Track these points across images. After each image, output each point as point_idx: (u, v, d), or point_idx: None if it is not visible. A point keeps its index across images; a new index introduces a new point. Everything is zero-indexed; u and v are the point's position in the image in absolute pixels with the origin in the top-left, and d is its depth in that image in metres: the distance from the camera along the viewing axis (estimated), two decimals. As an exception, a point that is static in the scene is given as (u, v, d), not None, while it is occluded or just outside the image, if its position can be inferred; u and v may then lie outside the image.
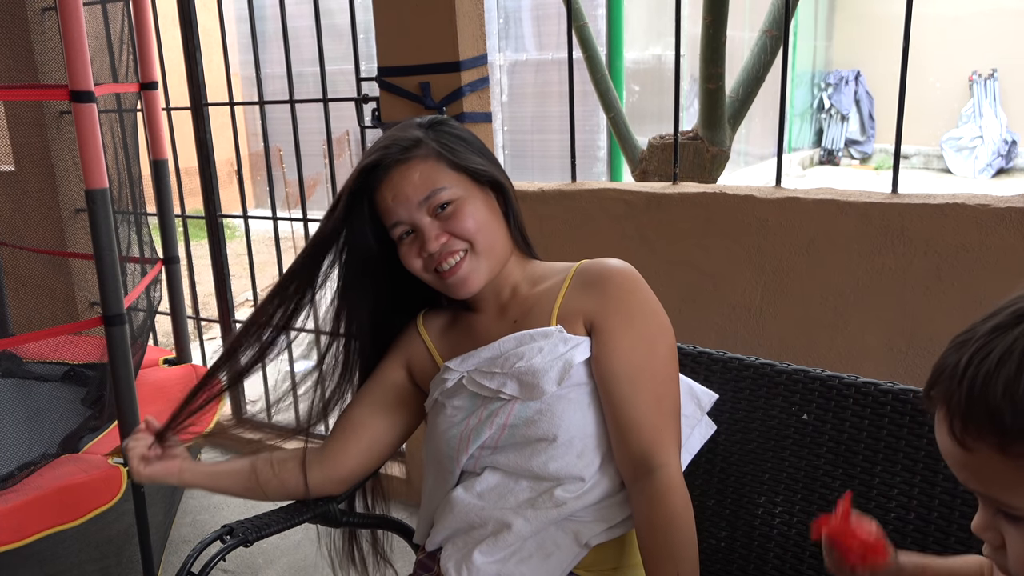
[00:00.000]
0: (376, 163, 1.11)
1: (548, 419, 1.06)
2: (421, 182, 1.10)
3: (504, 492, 1.09)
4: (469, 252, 1.11)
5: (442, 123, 1.16)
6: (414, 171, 1.10)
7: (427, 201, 1.09)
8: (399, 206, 1.10)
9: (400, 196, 1.10)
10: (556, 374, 1.07)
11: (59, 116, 2.94)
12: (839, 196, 1.73)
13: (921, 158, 10.75)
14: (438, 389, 1.16)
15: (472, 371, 1.13)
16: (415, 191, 1.09)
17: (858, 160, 11.46)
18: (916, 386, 1.09)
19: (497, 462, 1.10)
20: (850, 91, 11.40)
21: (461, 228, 1.10)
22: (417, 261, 1.11)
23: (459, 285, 1.11)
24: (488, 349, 1.13)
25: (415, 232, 1.11)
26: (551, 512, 1.05)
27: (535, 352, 1.08)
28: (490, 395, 1.11)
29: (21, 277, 2.93)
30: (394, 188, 1.10)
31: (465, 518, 1.09)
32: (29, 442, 2.15)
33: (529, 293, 1.17)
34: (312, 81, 2.88)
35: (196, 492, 2.65)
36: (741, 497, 1.18)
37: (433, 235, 1.09)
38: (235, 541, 1.08)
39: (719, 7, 2.53)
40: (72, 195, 2.99)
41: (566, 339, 1.09)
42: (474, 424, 1.11)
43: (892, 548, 0.83)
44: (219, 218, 2.82)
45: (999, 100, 10.35)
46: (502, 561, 1.05)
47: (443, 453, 1.14)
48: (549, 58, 7.35)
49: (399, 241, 1.12)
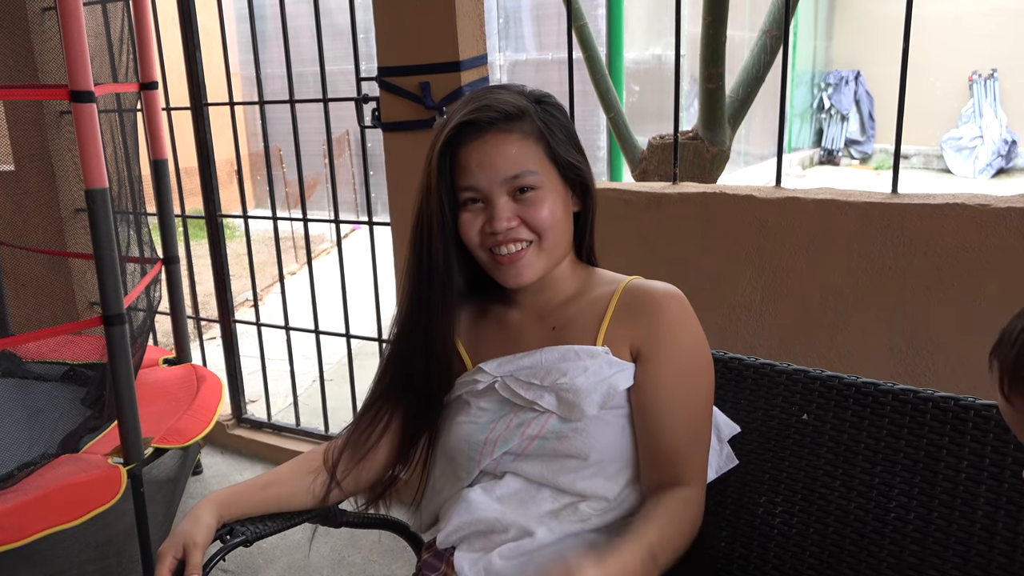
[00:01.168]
0: (473, 122, 1.03)
1: (583, 438, 1.04)
2: (515, 159, 1.03)
3: (526, 499, 1.06)
4: (534, 244, 1.05)
5: (549, 102, 1.09)
6: (511, 144, 1.03)
7: (513, 180, 1.03)
8: (482, 173, 1.02)
9: (487, 164, 1.02)
10: (599, 397, 1.04)
11: (59, 116, 2.94)
12: (839, 196, 1.73)
13: (921, 158, 10.76)
14: (466, 388, 1.12)
15: (507, 377, 1.09)
16: (505, 166, 1.02)
17: (858, 160, 11.46)
18: (916, 386, 1.10)
19: (521, 470, 1.07)
20: (850, 91, 11.40)
21: (536, 218, 1.04)
22: (476, 234, 1.05)
23: (514, 275, 1.06)
24: (527, 357, 1.09)
25: (486, 205, 1.04)
26: (575, 526, 1.04)
27: (579, 371, 1.05)
28: (523, 404, 1.07)
29: (21, 277, 2.93)
30: (484, 154, 1.02)
31: (485, 520, 1.06)
32: (29, 442, 2.15)
33: (572, 302, 1.13)
34: (312, 81, 2.88)
35: (196, 492, 2.65)
36: (741, 497, 1.17)
37: (506, 215, 1.03)
38: (235, 541, 1.08)
39: (719, 7, 2.53)
40: (72, 195, 2.99)
41: (611, 362, 1.06)
42: (502, 431, 1.07)
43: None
44: (219, 218, 2.82)
45: (999, 100, 10.35)
46: (520, 567, 1.02)
47: (462, 452, 1.10)
48: (549, 58, 7.35)
49: (462, 205, 1.05)
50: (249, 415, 2.98)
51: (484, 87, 1.10)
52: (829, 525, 1.10)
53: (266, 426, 2.93)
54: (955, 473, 1.03)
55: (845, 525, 1.08)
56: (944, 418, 1.05)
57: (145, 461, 1.94)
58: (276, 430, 2.91)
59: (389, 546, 2.29)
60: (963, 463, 1.03)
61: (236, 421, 2.98)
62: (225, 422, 2.95)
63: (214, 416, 2.27)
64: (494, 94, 1.06)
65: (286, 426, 2.90)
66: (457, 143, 1.04)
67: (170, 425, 2.12)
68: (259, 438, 2.87)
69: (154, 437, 2.02)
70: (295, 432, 2.87)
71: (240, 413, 2.97)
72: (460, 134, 1.04)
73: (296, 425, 2.89)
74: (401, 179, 2.22)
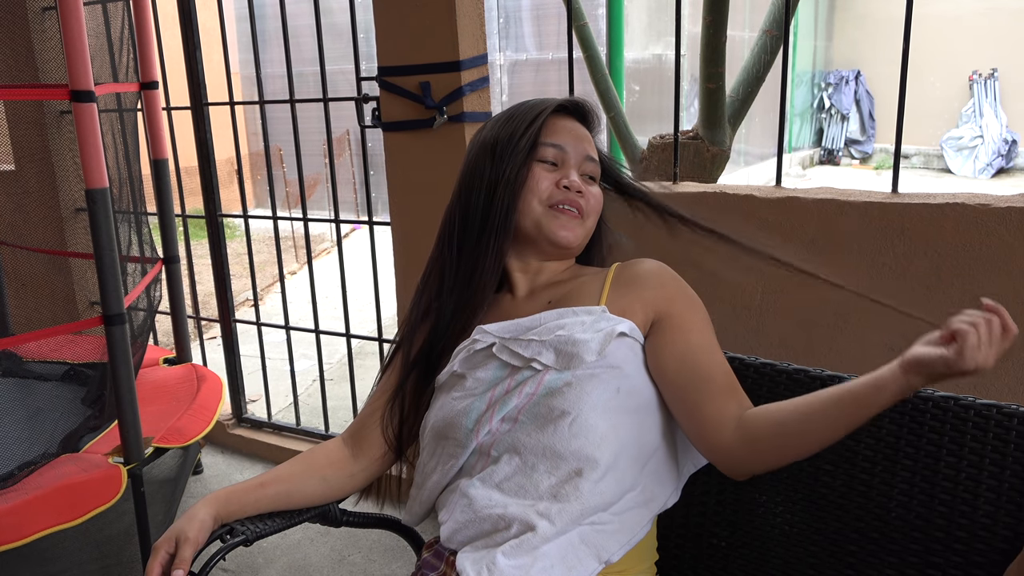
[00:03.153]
0: (581, 107, 1.20)
1: (576, 392, 1.05)
2: (596, 147, 1.19)
3: (524, 482, 1.05)
4: (584, 219, 1.16)
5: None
6: (597, 136, 1.21)
7: (589, 161, 1.16)
8: (573, 141, 1.16)
9: (580, 138, 1.17)
10: (597, 344, 1.06)
11: (59, 115, 2.94)
12: (839, 196, 1.73)
13: (921, 158, 10.76)
14: (463, 354, 1.14)
15: (506, 338, 1.11)
16: (590, 147, 1.18)
17: (858, 160, 11.47)
18: (916, 386, 1.09)
19: (516, 439, 1.06)
20: (850, 91, 11.41)
21: (593, 202, 1.17)
22: (549, 185, 1.14)
23: (570, 228, 1.15)
24: (526, 320, 1.12)
25: (560, 167, 1.15)
26: (574, 506, 1.03)
27: (577, 324, 1.08)
28: (521, 364, 1.09)
29: (21, 276, 2.93)
30: (579, 130, 1.18)
31: (489, 518, 1.05)
32: (29, 441, 2.15)
33: (567, 283, 1.18)
34: (312, 80, 2.88)
35: (196, 491, 2.65)
36: (742, 496, 1.18)
37: (579, 182, 1.14)
38: (235, 540, 1.08)
39: (719, 7, 2.53)
40: (72, 194, 2.99)
41: (608, 317, 1.09)
42: (500, 394, 1.08)
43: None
44: (219, 217, 2.82)
45: (999, 100, 10.36)
46: (525, 567, 1.02)
47: (458, 427, 1.10)
48: (549, 58, 7.35)
49: (540, 162, 1.15)
50: (249, 415, 2.98)
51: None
52: (830, 525, 1.10)
53: (266, 426, 2.94)
54: (955, 472, 1.03)
55: (846, 525, 1.08)
56: (944, 417, 1.05)
57: (145, 461, 1.94)
58: (276, 430, 2.91)
59: (389, 545, 2.29)
60: (963, 462, 1.03)
61: (236, 421, 2.98)
62: (225, 422, 2.95)
63: (214, 416, 2.27)
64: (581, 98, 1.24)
65: (286, 426, 2.90)
66: (553, 114, 1.17)
67: (170, 425, 2.12)
68: (259, 438, 2.88)
69: (154, 437, 2.02)
70: (295, 432, 2.87)
71: (240, 413, 2.98)
72: (559, 108, 1.18)
73: (296, 425, 2.89)
74: (401, 179, 2.22)
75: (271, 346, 3.14)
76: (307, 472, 1.17)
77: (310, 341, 3.07)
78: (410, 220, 2.24)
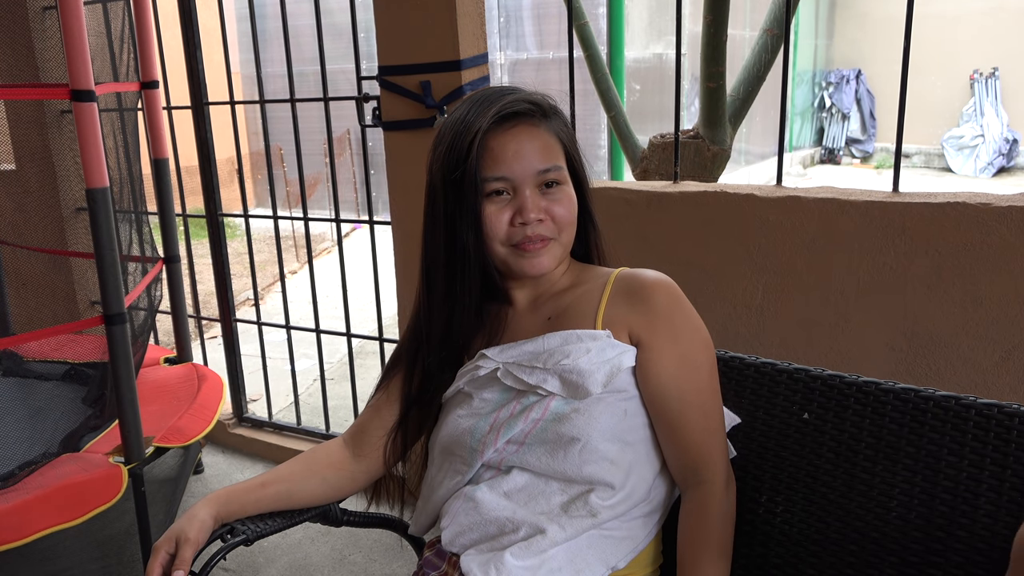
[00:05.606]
0: (517, 113, 1.04)
1: (584, 419, 1.04)
2: (548, 152, 1.05)
3: (535, 494, 1.05)
4: (555, 240, 1.08)
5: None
6: (546, 137, 1.06)
7: (544, 173, 1.05)
8: (516, 163, 1.03)
9: (522, 154, 1.04)
10: (603, 376, 1.04)
11: (60, 115, 2.94)
12: (840, 195, 1.73)
13: (922, 157, 10.76)
14: (466, 377, 1.13)
15: (510, 364, 1.10)
16: (539, 158, 1.04)
17: (859, 159, 11.46)
18: (917, 385, 1.09)
19: (525, 461, 1.06)
20: (851, 90, 11.40)
21: (561, 214, 1.07)
22: (503, 226, 1.05)
23: (536, 263, 1.07)
24: (530, 343, 1.09)
25: (513, 196, 1.05)
26: (585, 520, 1.03)
27: (582, 352, 1.05)
28: (526, 389, 1.08)
29: (22, 276, 2.93)
30: (520, 144, 1.04)
31: (496, 521, 1.05)
32: (30, 441, 2.15)
33: (567, 293, 1.14)
34: (313, 80, 2.88)
35: (197, 491, 2.65)
36: (742, 496, 1.17)
37: (538, 206, 1.05)
38: (236, 540, 1.08)
39: (720, 6, 2.53)
40: (73, 194, 2.99)
41: (613, 344, 1.07)
42: (505, 417, 1.07)
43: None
44: (220, 217, 2.82)
45: (1000, 99, 10.35)
46: (533, 568, 1.02)
47: (463, 445, 1.09)
48: (550, 57, 7.35)
49: (487, 197, 1.05)
50: (250, 414, 2.98)
51: (492, 87, 1.11)
52: (830, 525, 1.09)
53: (267, 425, 2.94)
54: (956, 472, 1.03)
55: (846, 525, 1.08)
56: (945, 417, 1.05)
57: (146, 460, 1.95)
58: (277, 429, 2.92)
59: (390, 545, 2.29)
60: (964, 462, 1.02)
61: (237, 420, 2.98)
62: (226, 421, 2.95)
63: (215, 415, 2.27)
64: (518, 90, 1.08)
65: (287, 425, 2.90)
66: (488, 134, 1.04)
67: (171, 424, 2.12)
68: (260, 437, 2.88)
69: (155, 436, 2.02)
70: (296, 431, 2.87)
71: (241, 412, 2.98)
72: (492, 125, 1.04)
73: (297, 424, 2.89)
74: (402, 178, 2.22)
75: (272, 345, 3.14)
76: (308, 472, 1.17)
77: (311, 340, 3.06)
78: (410, 219, 2.24)
